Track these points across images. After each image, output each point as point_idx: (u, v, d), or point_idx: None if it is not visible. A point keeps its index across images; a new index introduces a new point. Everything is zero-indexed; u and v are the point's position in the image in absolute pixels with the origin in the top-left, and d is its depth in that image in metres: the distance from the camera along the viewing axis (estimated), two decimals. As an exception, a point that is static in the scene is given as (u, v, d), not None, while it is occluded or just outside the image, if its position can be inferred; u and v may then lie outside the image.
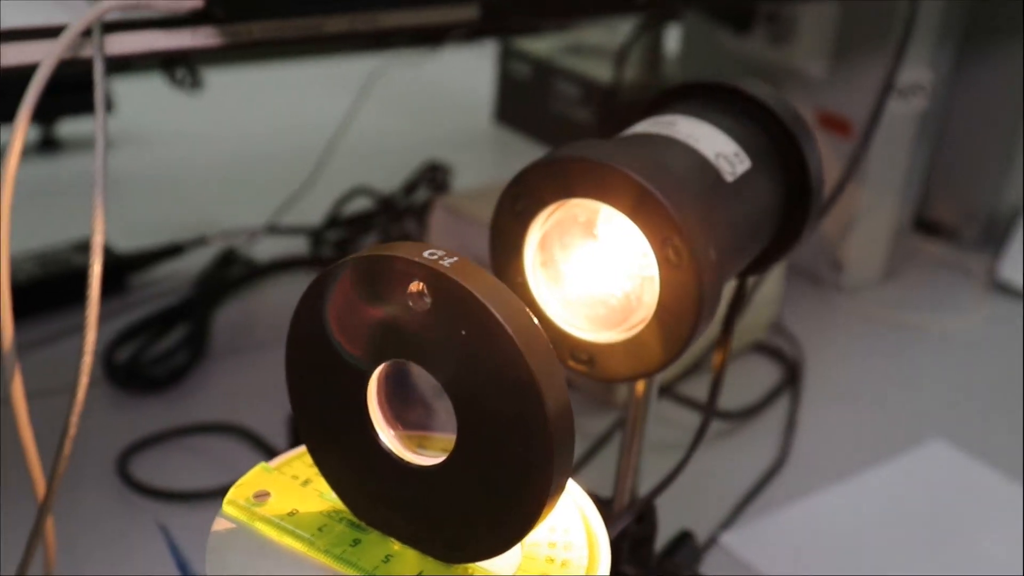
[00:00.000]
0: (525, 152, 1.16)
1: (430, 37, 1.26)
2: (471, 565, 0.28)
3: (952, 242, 1.01)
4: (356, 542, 0.29)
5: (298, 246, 0.87)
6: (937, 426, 0.74)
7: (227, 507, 0.30)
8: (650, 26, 1.08)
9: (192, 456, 0.63)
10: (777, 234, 0.38)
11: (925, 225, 1.02)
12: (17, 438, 0.39)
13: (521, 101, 1.19)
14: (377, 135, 1.12)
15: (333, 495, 0.30)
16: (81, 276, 0.37)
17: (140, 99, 1.10)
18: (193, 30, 0.44)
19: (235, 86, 1.21)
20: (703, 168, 0.34)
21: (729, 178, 0.34)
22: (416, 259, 0.26)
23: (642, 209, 0.31)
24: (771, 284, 0.81)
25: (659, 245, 0.31)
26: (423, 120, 1.22)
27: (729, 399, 0.73)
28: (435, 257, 0.26)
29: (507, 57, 1.20)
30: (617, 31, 1.26)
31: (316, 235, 0.88)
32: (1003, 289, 0.94)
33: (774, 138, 0.37)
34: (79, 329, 0.38)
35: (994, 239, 1.01)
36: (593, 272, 0.34)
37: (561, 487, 0.26)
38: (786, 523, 0.64)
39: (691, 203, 0.31)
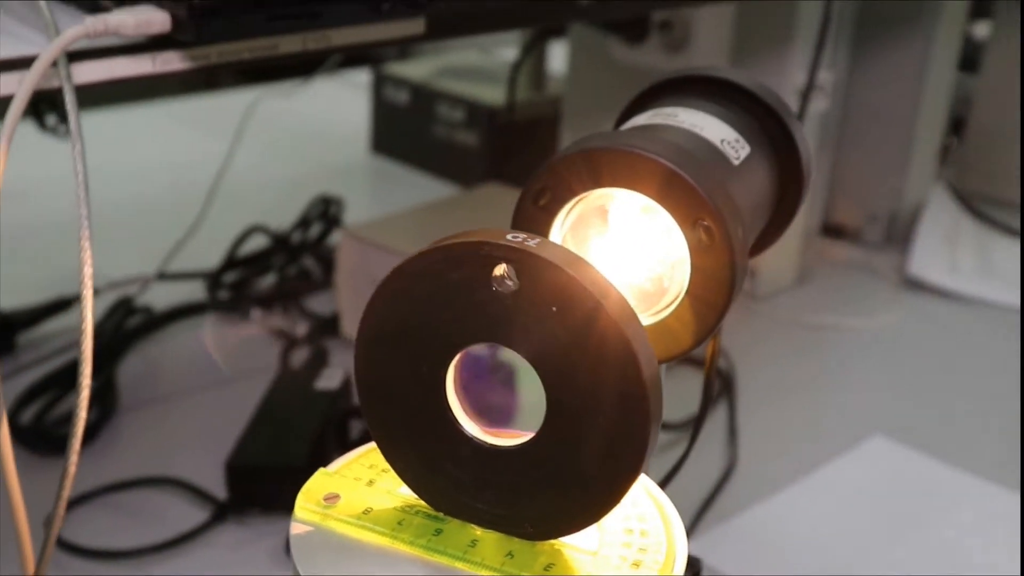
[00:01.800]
0: (406, 181, 1.20)
1: (300, 69, 1.29)
2: (557, 541, 0.32)
3: (857, 244, 1.10)
4: (438, 532, 0.32)
5: (192, 291, 0.89)
6: (872, 422, 0.80)
7: (300, 512, 0.33)
8: (537, 43, 1.13)
9: (124, 513, 0.64)
10: (771, 215, 0.43)
11: (830, 229, 1.10)
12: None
13: (400, 129, 1.23)
14: (254, 172, 1.14)
15: (402, 492, 0.33)
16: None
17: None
18: (154, 56, 0.46)
19: (104, 129, 1.20)
20: (714, 153, 0.39)
21: (735, 162, 0.39)
22: (502, 242, 0.29)
23: (672, 193, 0.35)
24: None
25: (690, 227, 0.36)
26: (299, 155, 1.24)
27: (666, 412, 0.78)
28: (520, 239, 0.29)
29: (382, 84, 1.24)
30: (492, 53, 1.31)
31: (214, 278, 0.89)
32: (914, 285, 1.02)
33: (763, 124, 0.42)
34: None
35: (896, 239, 1.10)
36: (615, 262, 0.38)
37: (650, 454, 0.30)
38: (747, 528, 0.69)
39: (717, 185, 0.36)
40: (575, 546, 0.32)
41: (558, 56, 1.24)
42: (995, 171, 1.21)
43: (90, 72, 0.44)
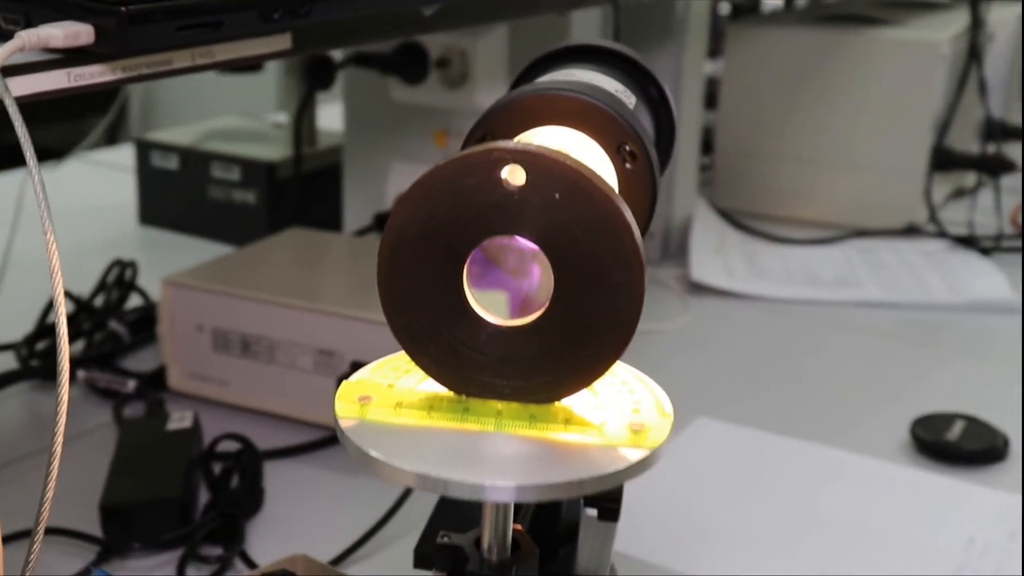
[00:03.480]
0: (182, 246, 1.25)
1: (52, 153, 1.32)
2: (568, 409, 0.41)
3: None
4: (466, 410, 0.40)
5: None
6: (693, 407, 0.92)
7: (341, 411, 0.40)
8: (310, 97, 1.22)
9: (9, 570, 0.67)
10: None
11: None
12: None
13: (171, 195, 1.28)
14: (38, 250, 1.16)
15: (423, 388, 0.41)
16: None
17: None
18: (69, 71, 0.53)
19: None
20: (614, 98, 0.49)
21: (631, 107, 0.50)
22: (511, 146, 0.39)
23: (597, 123, 0.46)
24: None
25: (615, 153, 0.46)
26: (68, 233, 1.27)
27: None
28: (524, 142, 0.39)
29: (146, 153, 1.29)
30: (255, 117, 1.39)
31: (27, 346, 0.92)
32: (698, 289, 1.17)
33: (638, 81, 0.53)
34: None
35: (672, 252, 1.26)
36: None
37: (642, 303, 0.40)
38: (631, 519, 0.79)
39: (630, 115, 0.47)
40: (585, 419, 0.41)
41: (323, 114, 1.34)
42: (739, 191, 1.40)
43: (26, 85, 0.50)
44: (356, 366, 0.82)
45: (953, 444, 0.86)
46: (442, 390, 0.41)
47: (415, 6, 0.67)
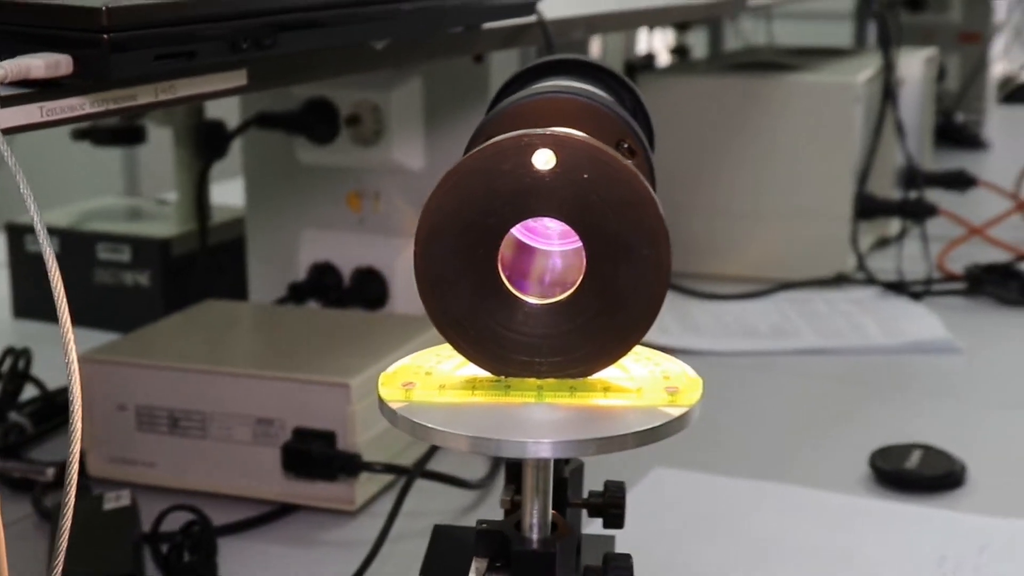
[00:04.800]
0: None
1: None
2: (605, 380, 0.48)
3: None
4: (507, 387, 0.47)
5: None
6: (648, 460, 0.99)
7: (387, 396, 0.47)
8: (207, 170, 1.28)
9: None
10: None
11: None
12: None
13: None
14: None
15: (461, 373, 0.48)
16: None
17: None
18: (41, 105, 0.59)
19: None
20: (609, 97, 0.57)
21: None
22: (540, 132, 0.46)
23: (595, 123, 0.53)
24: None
25: (615, 148, 0.54)
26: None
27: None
28: (552, 129, 0.46)
29: (19, 237, 1.33)
30: (137, 196, 1.45)
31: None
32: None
33: (614, 91, 0.62)
34: None
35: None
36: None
37: (669, 275, 0.47)
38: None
39: (625, 113, 0.54)
40: (622, 387, 0.48)
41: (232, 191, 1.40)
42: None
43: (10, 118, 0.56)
44: (300, 434, 0.89)
45: (913, 472, 0.95)
46: (481, 373, 0.48)
47: (367, 39, 0.74)
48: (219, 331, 1.04)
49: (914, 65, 1.70)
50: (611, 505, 0.58)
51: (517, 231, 0.47)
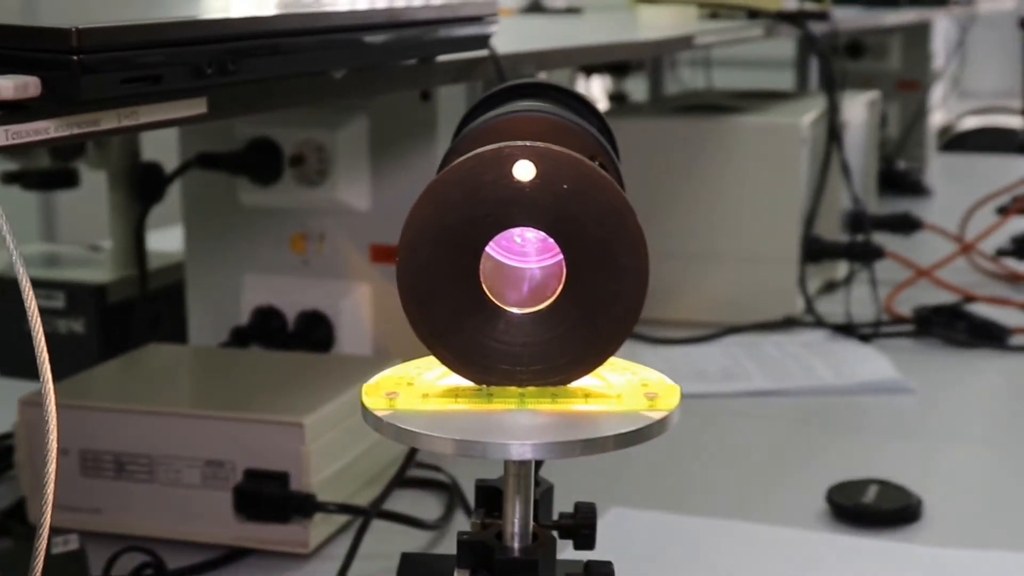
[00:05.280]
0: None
1: None
2: (585, 387, 0.50)
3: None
4: (490, 396, 0.50)
5: None
6: (605, 500, 1.02)
7: (372, 405, 0.49)
8: (144, 217, 1.30)
9: None
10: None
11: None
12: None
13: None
14: None
15: (443, 383, 0.51)
16: None
17: None
18: (7, 128, 0.61)
19: None
20: (578, 115, 0.60)
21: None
22: (520, 144, 0.49)
23: (568, 138, 0.56)
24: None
25: (588, 164, 0.57)
26: None
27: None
28: (530, 142, 0.49)
29: (-55, 285, 1.33)
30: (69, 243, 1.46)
31: None
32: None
33: (579, 112, 0.65)
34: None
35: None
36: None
37: (647, 284, 0.50)
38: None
39: (596, 131, 0.58)
40: (603, 392, 0.51)
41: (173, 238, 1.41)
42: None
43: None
44: (252, 475, 0.90)
45: (870, 506, 0.99)
46: (464, 383, 0.51)
47: (328, 68, 0.77)
48: (164, 373, 1.05)
49: (857, 108, 1.75)
50: (582, 526, 0.61)
51: (494, 251, 0.50)
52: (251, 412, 0.91)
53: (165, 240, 1.51)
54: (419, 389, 0.51)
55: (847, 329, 1.47)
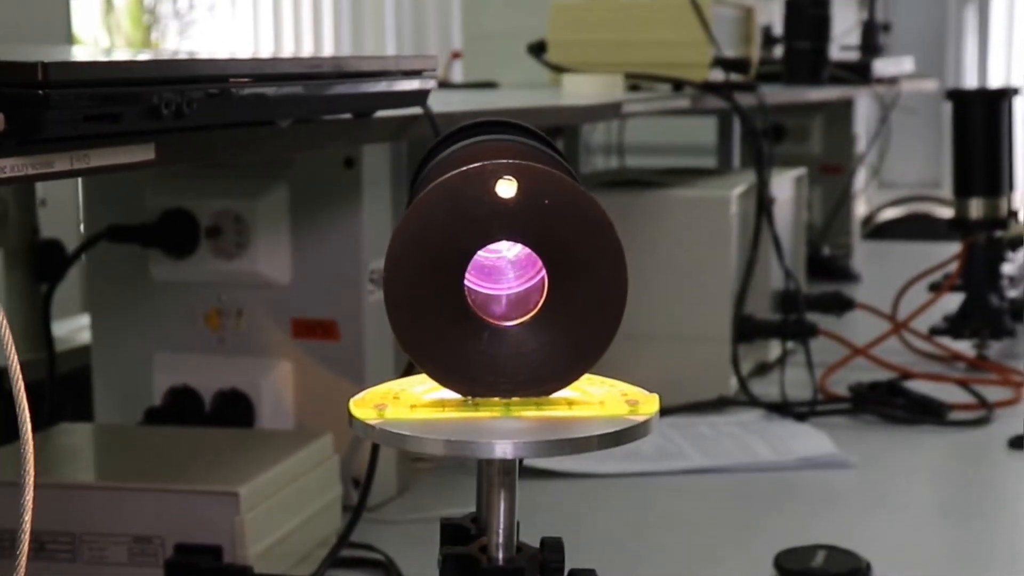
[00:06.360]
0: None
1: None
2: (568, 396, 0.57)
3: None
4: (476, 406, 0.56)
5: None
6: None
7: (361, 416, 0.55)
8: (50, 297, 1.34)
9: None
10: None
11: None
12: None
13: None
14: None
15: (430, 397, 0.57)
16: None
17: None
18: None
19: None
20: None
21: (549, 166, 0.68)
22: (503, 160, 0.56)
23: (543, 164, 0.63)
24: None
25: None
26: None
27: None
28: (512, 160, 0.56)
29: None
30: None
31: None
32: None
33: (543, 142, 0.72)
34: None
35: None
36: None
37: (627, 294, 0.57)
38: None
39: (560, 159, 0.64)
40: (589, 396, 0.57)
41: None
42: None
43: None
44: (182, 550, 0.94)
45: (819, 571, 1.06)
46: (449, 395, 0.56)
47: (276, 117, 0.83)
48: (80, 451, 1.09)
49: (785, 185, 1.85)
50: (551, 560, 0.66)
51: (471, 281, 0.56)
52: (180, 484, 0.95)
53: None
54: (407, 401, 0.57)
55: (782, 408, 1.55)
